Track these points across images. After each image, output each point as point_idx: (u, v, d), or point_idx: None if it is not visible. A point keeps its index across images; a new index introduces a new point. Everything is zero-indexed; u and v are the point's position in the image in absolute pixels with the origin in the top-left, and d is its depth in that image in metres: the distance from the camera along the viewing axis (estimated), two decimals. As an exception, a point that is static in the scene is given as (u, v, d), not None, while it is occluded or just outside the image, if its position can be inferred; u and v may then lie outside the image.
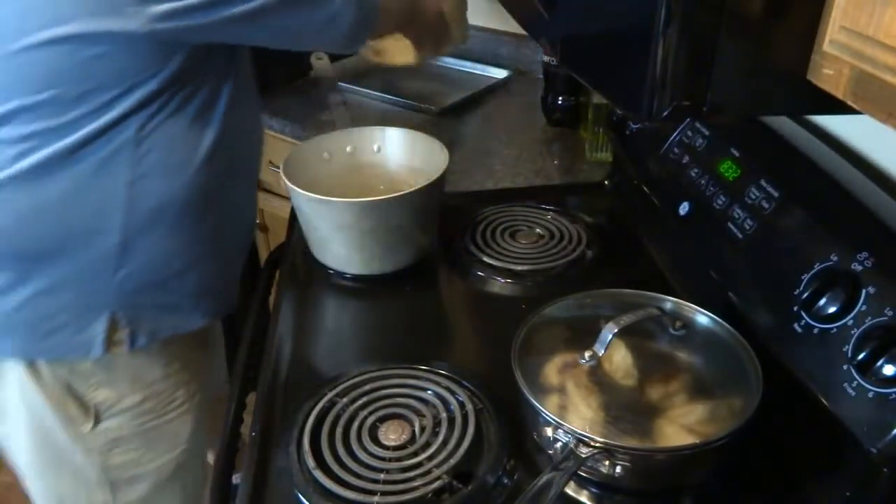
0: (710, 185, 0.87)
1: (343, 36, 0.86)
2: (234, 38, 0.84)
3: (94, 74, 0.77)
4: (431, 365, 0.81)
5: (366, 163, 1.10)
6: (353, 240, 0.95)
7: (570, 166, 1.29)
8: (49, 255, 0.83)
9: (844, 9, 0.44)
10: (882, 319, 0.61)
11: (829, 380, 0.63)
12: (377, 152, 1.10)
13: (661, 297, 0.80)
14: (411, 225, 0.97)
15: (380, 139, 1.10)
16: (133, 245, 0.85)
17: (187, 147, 0.85)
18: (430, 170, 0.99)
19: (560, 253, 1.00)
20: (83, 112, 0.78)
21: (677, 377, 0.71)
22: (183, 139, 0.85)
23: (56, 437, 0.94)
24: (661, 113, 0.51)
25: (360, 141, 1.09)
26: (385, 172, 1.10)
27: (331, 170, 1.06)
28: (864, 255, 0.65)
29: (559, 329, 0.78)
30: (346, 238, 0.95)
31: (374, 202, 0.91)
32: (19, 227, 0.82)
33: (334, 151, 1.08)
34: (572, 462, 0.64)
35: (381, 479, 0.68)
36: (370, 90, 1.57)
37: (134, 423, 0.97)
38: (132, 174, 0.82)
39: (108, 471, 0.98)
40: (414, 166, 1.06)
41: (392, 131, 1.10)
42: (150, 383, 0.96)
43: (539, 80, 1.46)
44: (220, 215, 0.94)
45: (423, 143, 1.06)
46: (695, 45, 0.49)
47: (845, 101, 0.45)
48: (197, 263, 0.93)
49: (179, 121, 0.84)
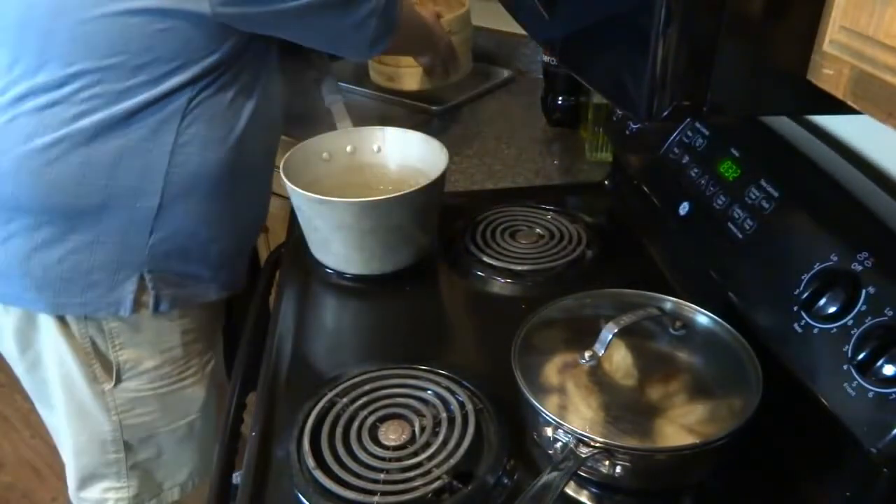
0: (710, 185, 0.87)
1: (366, 41, 0.98)
2: (278, 30, 0.94)
3: (157, 47, 0.84)
4: (431, 365, 0.81)
5: (366, 163, 1.10)
6: (352, 240, 0.95)
7: (570, 166, 1.29)
8: (92, 212, 0.89)
9: (844, 9, 0.44)
10: (882, 319, 0.61)
11: (829, 380, 0.63)
12: (377, 152, 1.10)
13: (661, 297, 0.80)
14: (411, 225, 0.97)
15: (380, 139, 1.10)
16: (168, 210, 0.92)
17: (226, 125, 0.93)
18: (431, 170, 1.00)
19: (560, 253, 1.00)
20: (142, 80, 0.85)
21: (677, 377, 0.71)
22: (223, 117, 0.93)
23: (81, 391, 1.00)
24: (661, 113, 0.51)
25: (360, 141, 1.09)
26: (385, 172, 1.10)
27: (330, 170, 1.07)
28: (864, 255, 0.65)
29: (559, 329, 0.78)
30: (345, 238, 0.95)
31: (374, 202, 0.91)
32: (68, 183, 0.87)
33: (334, 151, 1.08)
34: (572, 462, 0.64)
35: (381, 479, 0.68)
36: (370, 90, 1.57)
37: (152, 386, 1.02)
38: (175, 143, 0.89)
39: (124, 430, 1.04)
40: (414, 166, 1.06)
41: (392, 131, 1.09)
42: (168, 349, 1.01)
43: (539, 80, 1.46)
44: (245, 193, 1.01)
45: (423, 143, 1.06)
46: (695, 45, 0.49)
47: (845, 101, 0.45)
48: (220, 237, 0.99)
49: (222, 100, 0.92)
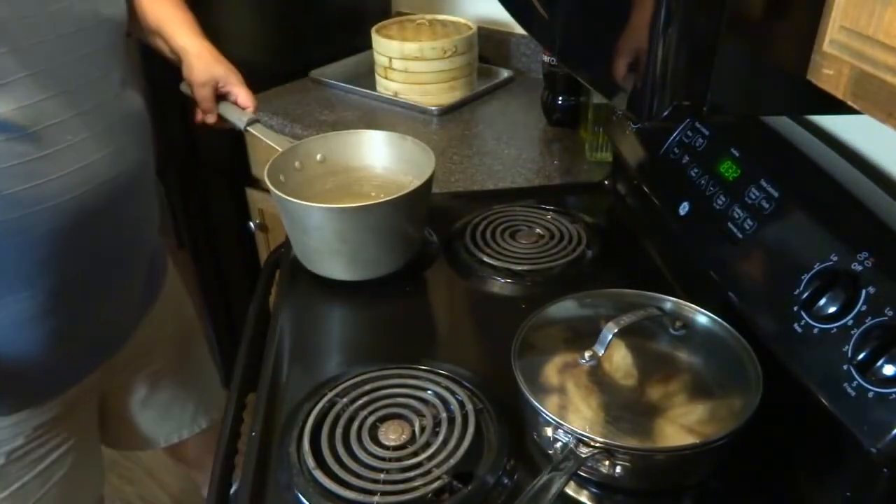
0: (710, 185, 0.87)
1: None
2: None
3: None
4: (431, 365, 0.81)
5: (354, 167, 1.08)
6: (331, 244, 0.94)
7: (570, 166, 1.29)
8: None
9: (844, 9, 0.44)
10: (882, 319, 0.61)
11: (829, 380, 0.63)
12: (364, 157, 1.08)
13: (661, 297, 0.80)
14: (399, 232, 0.96)
15: (366, 142, 1.08)
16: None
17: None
18: (421, 172, 0.98)
19: (560, 253, 1.00)
20: None
21: (677, 377, 0.71)
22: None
23: None
24: (661, 113, 0.51)
25: (342, 145, 1.08)
26: (374, 176, 1.08)
27: (315, 174, 1.05)
28: (864, 255, 0.65)
29: (559, 329, 0.78)
30: (325, 242, 0.94)
31: (354, 209, 0.90)
32: None
33: (321, 155, 1.06)
34: (572, 462, 0.64)
35: (381, 479, 0.68)
36: (370, 90, 1.58)
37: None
38: None
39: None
40: (403, 169, 1.05)
41: (378, 135, 1.07)
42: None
43: (539, 80, 1.46)
44: None
45: (411, 147, 1.04)
46: (695, 45, 0.49)
47: (845, 101, 0.45)
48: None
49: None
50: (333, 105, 1.54)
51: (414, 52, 1.47)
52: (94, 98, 0.83)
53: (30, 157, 0.76)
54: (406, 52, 1.47)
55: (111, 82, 0.86)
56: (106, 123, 0.84)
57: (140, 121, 0.93)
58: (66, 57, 0.80)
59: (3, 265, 0.80)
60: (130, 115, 0.90)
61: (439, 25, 1.57)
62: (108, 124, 0.84)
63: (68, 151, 0.79)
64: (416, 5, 1.82)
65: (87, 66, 0.82)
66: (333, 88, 1.61)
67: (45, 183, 0.78)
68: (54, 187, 0.78)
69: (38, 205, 0.78)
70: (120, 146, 0.86)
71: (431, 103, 1.49)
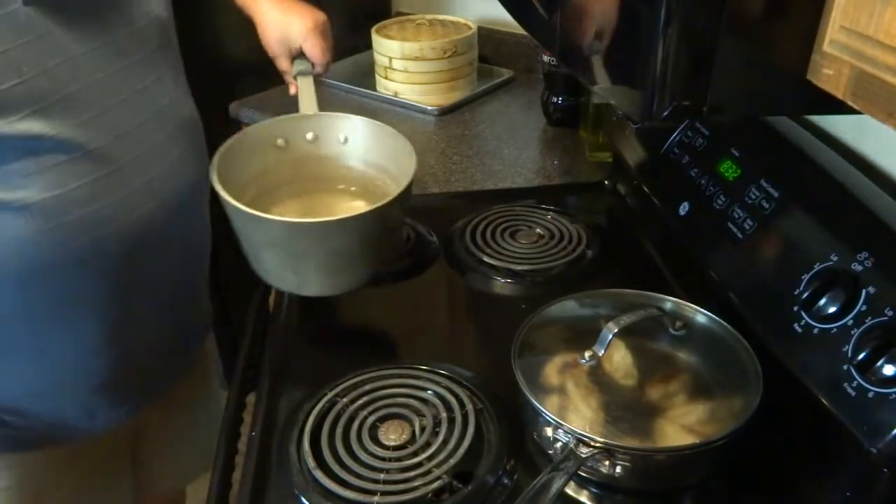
0: (710, 185, 0.87)
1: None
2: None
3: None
4: (431, 365, 0.81)
5: (328, 155, 0.94)
6: (285, 260, 0.82)
7: (570, 166, 1.29)
8: None
9: (844, 9, 0.44)
10: (882, 319, 0.61)
11: (829, 380, 0.63)
12: (343, 143, 0.94)
13: (661, 297, 0.80)
14: (360, 249, 0.82)
15: (347, 129, 0.93)
16: None
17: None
18: (398, 173, 0.87)
19: (560, 253, 1.00)
20: None
21: (677, 377, 0.71)
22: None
23: None
24: (661, 113, 0.51)
25: (324, 129, 0.93)
26: (349, 169, 0.95)
27: (284, 158, 0.91)
28: (864, 255, 0.65)
29: (559, 329, 0.78)
30: (277, 256, 0.82)
31: (309, 224, 0.77)
32: None
33: (292, 137, 0.92)
34: (572, 462, 0.64)
35: (381, 479, 0.68)
36: (370, 90, 1.58)
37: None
38: None
39: None
40: (382, 165, 0.92)
41: (361, 122, 0.93)
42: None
43: (539, 80, 1.46)
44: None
45: (393, 141, 0.90)
46: (695, 45, 0.49)
47: (845, 101, 0.45)
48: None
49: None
50: (333, 105, 1.53)
51: (414, 52, 1.47)
52: (151, 105, 0.77)
53: (91, 178, 0.70)
54: (406, 52, 1.47)
55: (166, 86, 0.80)
56: (165, 132, 0.78)
57: (195, 126, 0.86)
58: (121, 63, 0.74)
59: (75, 296, 0.73)
60: (186, 120, 0.83)
61: (439, 25, 1.57)
62: (167, 132, 0.78)
63: (130, 166, 0.73)
64: (416, 5, 1.81)
65: (142, 70, 0.76)
66: (333, 88, 1.61)
67: (111, 204, 0.71)
68: (120, 207, 0.72)
69: (105, 227, 0.71)
70: (180, 155, 0.80)
71: (431, 103, 1.49)
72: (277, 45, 1.01)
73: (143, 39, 0.77)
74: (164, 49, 0.81)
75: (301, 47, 1.01)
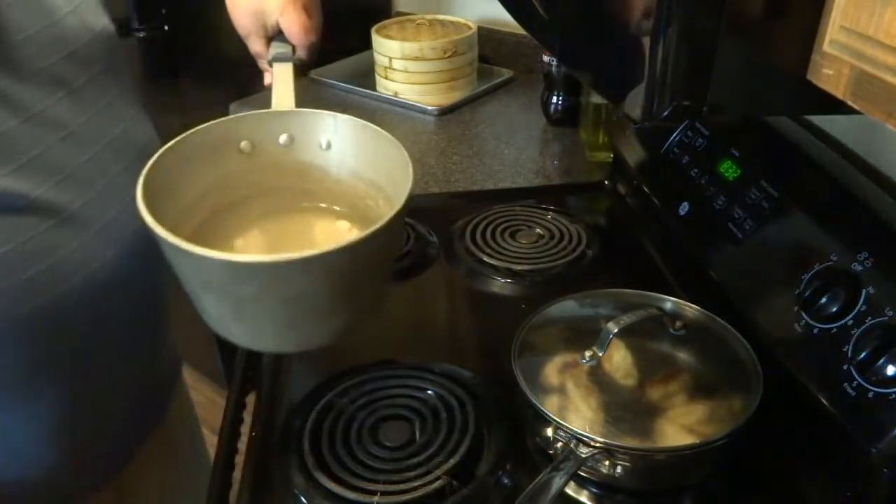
0: (710, 185, 0.87)
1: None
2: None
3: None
4: (431, 365, 0.81)
5: (304, 162, 0.73)
6: (227, 308, 0.61)
7: (570, 166, 1.29)
8: None
9: (844, 9, 0.44)
10: (882, 319, 0.61)
11: (829, 380, 0.63)
12: (324, 149, 0.73)
13: (661, 297, 0.80)
14: (331, 298, 0.60)
15: (330, 130, 0.72)
16: None
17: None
18: (391, 190, 0.68)
19: (560, 253, 1.00)
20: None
21: (677, 377, 0.71)
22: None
23: None
24: (661, 113, 0.51)
25: (300, 130, 0.72)
26: (332, 183, 0.74)
27: (251, 166, 0.71)
28: (864, 255, 0.65)
29: (559, 329, 0.78)
30: (218, 302, 0.61)
31: (262, 266, 0.54)
32: None
33: (260, 140, 0.71)
34: (572, 462, 0.64)
35: (381, 479, 0.68)
36: (370, 90, 1.58)
37: None
38: None
39: None
40: (370, 178, 0.72)
41: (345, 122, 0.72)
42: None
43: (539, 80, 1.46)
44: None
45: (384, 149, 0.69)
46: (695, 45, 0.49)
47: (845, 101, 0.44)
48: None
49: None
50: (333, 105, 1.53)
51: (414, 52, 1.47)
52: (102, 137, 0.67)
53: (40, 230, 0.60)
54: (406, 52, 1.47)
55: (117, 112, 0.70)
56: (121, 165, 0.68)
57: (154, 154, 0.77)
58: (60, 92, 0.63)
59: (30, 365, 0.63)
60: (144, 148, 0.72)
61: (439, 25, 1.57)
62: (123, 165, 0.68)
63: (85, 210, 0.64)
64: (416, 5, 1.81)
65: (86, 98, 0.66)
66: (333, 88, 1.61)
67: (68, 255, 0.62)
68: (78, 257, 0.63)
69: (64, 283, 0.62)
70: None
71: (431, 103, 1.49)
72: (249, 19, 0.83)
73: (85, 62, 0.67)
74: (110, 69, 0.70)
75: (278, 23, 0.83)
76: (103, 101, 0.69)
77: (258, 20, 0.84)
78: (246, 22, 0.85)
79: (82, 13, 0.67)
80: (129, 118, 0.73)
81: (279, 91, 0.76)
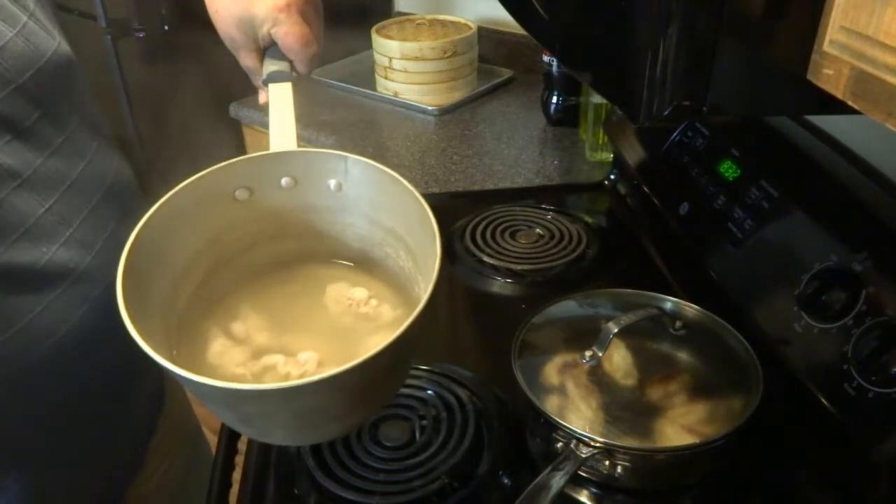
0: (710, 185, 0.87)
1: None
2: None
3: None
4: (431, 365, 0.81)
5: (312, 205, 0.65)
6: (232, 420, 0.59)
7: (570, 166, 1.29)
8: None
9: (844, 9, 0.44)
10: (882, 319, 0.61)
11: (829, 380, 0.63)
12: (334, 191, 0.64)
13: (661, 297, 0.80)
14: (346, 405, 0.55)
15: (339, 172, 0.63)
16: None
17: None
18: (411, 241, 0.61)
19: (560, 253, 1.00)
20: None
21: (677, 377, 0.71)
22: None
23: None
24: (661, 113, 0.51)
25: (305, 172, 0.63)
26: (344, 226, 0.67)
27: (247, 215, 0.63)
28: (864, 255, 0.65)
29: (559, 329, 0.78)
30: (223, 415, 0.58)
31: (266, 392, 0.49)
32: None
33: (259, 185, 0.63)
34: (572, 462, 0.64)
35: (381, 479, 0.68)
36: (370, 90, 1.58)
37: None
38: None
39: None
40: (389, 226, 0.64)
41: (357, 165, 0.62)
42: None
43: (539, 80, 1.46)
44: None
45: (401, 196, 0.59)
46: (695, 45, 0.49)
47: (845, 101, 0.44)
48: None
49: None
50: (333, 105, 1.54)
51: (414, 52, 1.47)
52: (62, 180, 0.59)
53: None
54: (406, 52, 1.47)
55: (77, 149, 0.61)
56: (86, 209, 0.61)
57: (127, 189, 0.68)
58: (8, 134, 0.55)
59: (9, 440, 0.57)
60: (112, 185, 0.66)
61: (439, 25, 1.57)
62: (88, 209, 0.61)
63: (52, 264, 0.56)
64: (416, 5, 1.82)
65: (41, 136, 0.57)
66: (333, 88, 1.61)
67: (34, 317, 0.55)
68: (46, 319, 0.56)
69: (34, 349, 0.55)
70: (113, 233, 0.63)
71: (431, 103, 1.49)
72: (235, 30, 0.70)
73: (34, 97, 0.57)
74: (66, 99, 0.62)
75: (270, 34, 0.70)
76: (59, 139, 0.60)
77: (247, 31, 0.70)
78: (232, 33, 0.71)
79: (29, 35, 0.57)
80: (90, 152, 0.64)
81: (277, 123, 0.65)
